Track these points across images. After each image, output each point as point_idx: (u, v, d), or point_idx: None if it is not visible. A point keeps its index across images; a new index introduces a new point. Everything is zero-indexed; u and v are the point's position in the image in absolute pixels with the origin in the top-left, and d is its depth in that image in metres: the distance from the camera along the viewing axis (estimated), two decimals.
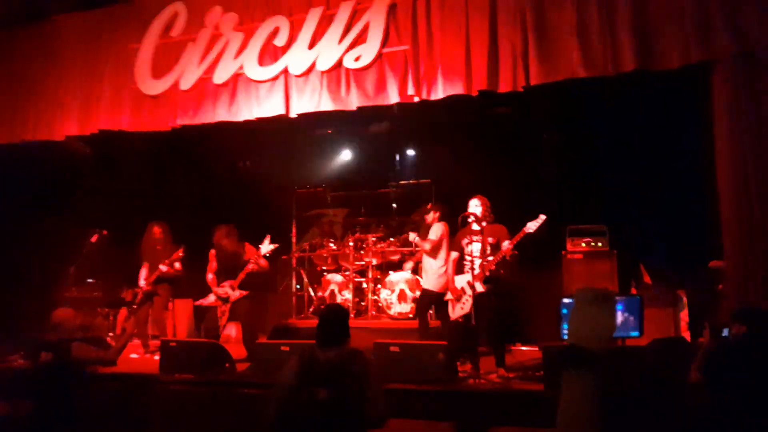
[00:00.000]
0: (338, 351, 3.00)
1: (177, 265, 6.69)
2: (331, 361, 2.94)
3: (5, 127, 6.73)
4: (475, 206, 5.25)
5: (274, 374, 3.15)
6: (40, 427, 3.94)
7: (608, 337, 1.68)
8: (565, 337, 2.21)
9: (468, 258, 5.22)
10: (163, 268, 6.60)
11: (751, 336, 2.96)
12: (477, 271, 5.08)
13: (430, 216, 5.99)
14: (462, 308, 5.16)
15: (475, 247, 5.22)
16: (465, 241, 5.30)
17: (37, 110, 6.60)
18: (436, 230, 5.88)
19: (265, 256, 6.11)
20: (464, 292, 5.15)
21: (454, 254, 5.41)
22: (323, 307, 3.39)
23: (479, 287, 5.03)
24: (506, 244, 5.06)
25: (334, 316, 3.15)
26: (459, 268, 5.36)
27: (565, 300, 4.67)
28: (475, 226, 5.24)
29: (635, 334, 4.02)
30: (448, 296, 5.34)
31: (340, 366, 2.92)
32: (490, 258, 5.09)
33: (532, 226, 5.03)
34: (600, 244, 6.36)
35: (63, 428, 3.91)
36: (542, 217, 5.06)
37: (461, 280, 5.23)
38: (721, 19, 4.44)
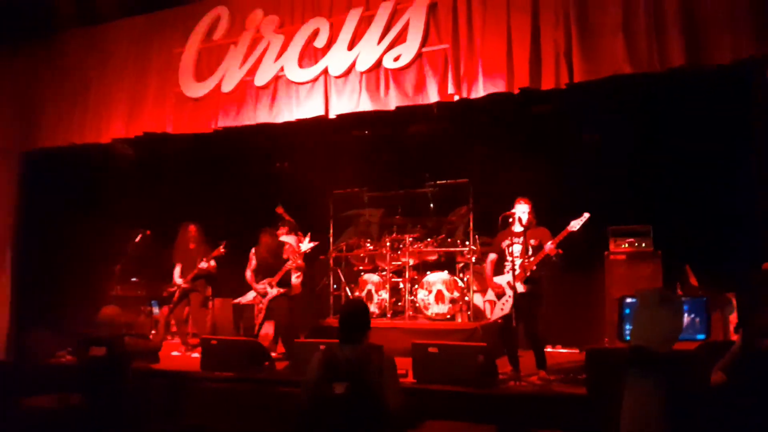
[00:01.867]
0: (356, 347, 3.12)
1: (212, 262, 6.79)
2: (349, 358, 3.07)
3: (54, 131, 6.95)
4: (521, 211, 5.18)
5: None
6: (90, 419, 4.05)
7: (674, 339, 1.63)
8: (628, 338, 2.16)
9: (509, 259, 5.17)
10: (203, 265, 6.73)
11: None
12: (518, 271, 5.02)
13: None
14: (502, 309, 5.13)
15: (516, 249, 5.17)
16: (506, 242, 5.26)
17: (84, 114, 6.79)
18: None
19: (304, 255, 6.19)
20: (504, 293, 5.11)
21: (492, 255, 5.38)
22: (344, 304, 3.47)
23: (520, 288, 4.98)
24: (549, 245, 4.98)
25: (351, 313, 3.27)
26: (499, 270, 5.31)
27: (628, 300, 4.54)
28: (517, 227, 5.20)
29: (701, 336, 3.88)
30: (488, 297, 5.29)
31: (358, 362, 3.05)
32: (531, 259, 5.03)
33: (575, 225, 4.97)
34: (644, 245, 6.20)
35: (112, 420, 4.02)
36: (586, 215, 5.00)
37: (501, 281, 5.19)
38: None
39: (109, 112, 6.67)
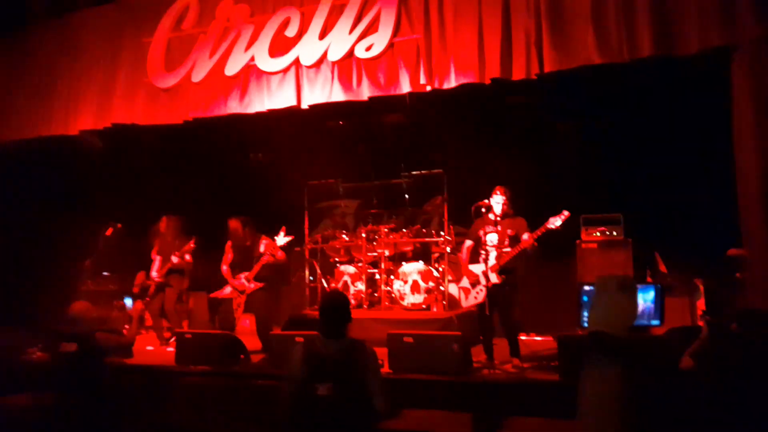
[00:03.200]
0: (340, 343, 3.06)
1: (187, 257, 6.74)
2: (333, 356, 2.99)
3: (22, 123, 6.82)
4: (496, 202, 5.18)
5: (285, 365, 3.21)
6: (64, 417, 3.99)
7: (630, 325, 1.67)
8: (586, 324, 2.22)
9: (486, 247, 5.19)
10: (174, 259, 6.66)
11: (743, 334, 2.98)
12: (492, 262, 5.06)
13: None
14: (476, 297, 5.19)
15: (493, 237, 5.19)
16: (482, 231, 5.26)
17: (51, 105, 6.66)
18: None
19: (281, 248, 6.15)
20: (479, 282, 5.15)
21: (469, 242, 5.40)
22: (323, 296, 3.41)
23: (494, 278, 5.03)
24: (526, 237, 5.01)
25: (334, 306, 3.16)
26: (474, 258, 5.34)
27: (586, 287, 4.62)
28: (493, 216, 5.21)
29: (656, 322, 3.98)
30: (462, 284, 5.34)
31: (341, 359, 2.98)
32: (507, 249, 5.08)
33: (554, 222, 4.99)
34: (615, 233, 6.30)
35: (86, 417, 3.97)
36: (565, 213, 5.02)
37: (476, 269, 5.22)
38: (746, 0, 4.33)
39: (77, 103, 6.55)
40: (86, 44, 6.61)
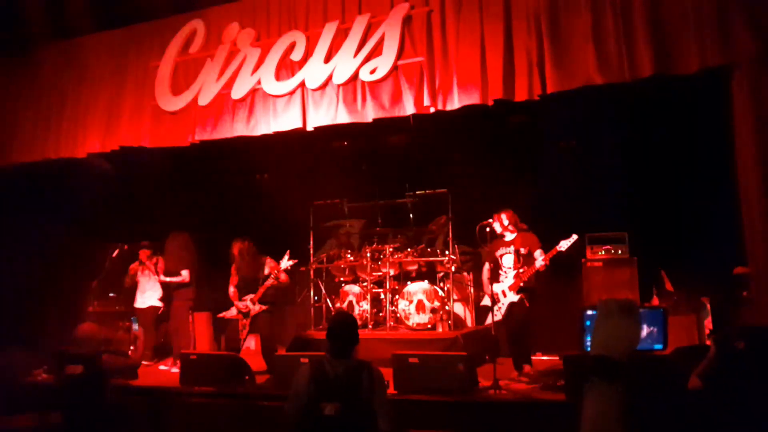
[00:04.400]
0: (347, 363, 3.06)
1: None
2: (339, 375, 3.00)
3: (29, 146, 6.87)
4: (498, 227, 5.60)
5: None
6: None
7: (633, 348, 1.67)
8: (588, 349, 2.22)
9: (503, 268, 5.60)
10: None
11: (749, 352, 2.97)
12: (511, 281, 5.48)
13: None
14: (496, 315, 5.49)
15: (508, 259, 5.60)
16: (498, 252, 5.64)
17: (59, 128, 6.72)
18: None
19: (285, 271, 6.18)
20: (499, 300, 5.54)
21: (488, 265, 5.78)
22: (332, 317, 3.41)
23: (513, 296, 5.46)
24: (540, 261, 5.36)
25: (342, 327, 3.18)
26: (494, 278, 5.71)
27: (588, 312, 4.61)
28: (507, 237, 5.63)
29: (659, 346, 3.96)
30: (483, 302, 5.79)
31: (348, 380, 2.98)
32: (522, 270, 5.47)
33: (564, 245, 5.34)
34: (620, 252, 6.30)
35: None
36: (574, 236, 5.37)
37: (497, 289, 5.59)
38: (741, 19, 4.37)
39: (84, 126, 6.61)
40: (93, 67, 6.69)
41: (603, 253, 6.36)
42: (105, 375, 4.32)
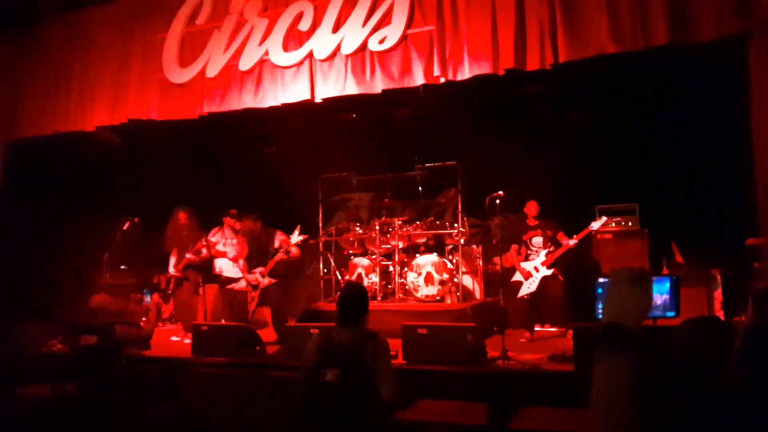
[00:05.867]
0: (354, 331, 3.08)
1: (204, 252, 6.80)
2: (345, 343, 3.02)
3: (38, 119, 6.88)
4: (532, 212, 6.22)
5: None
6: (84, 408, 4.06)
7: (645, 316, 1.66)
8: (600, 317, 2.21)
9: (533, 248, 6.18)
10: (189, 256, 6.75)
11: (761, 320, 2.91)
12: (543, 258, 6.06)
13: None
14: (529, 287, 6.03)
15: (537, 240, 6.17)
16: (526, 235, 6.21)
17: (68, 101, 6.72)
18: None
19: (295, 245, 6.23)
20: (531, 275, 6.04)
21: (515, 246, 6.25)
22: (343, 287, 3.43)
23: (545, 271, 6.00)
24: (573, 241, 5.94)
25: (351, 296, 3.21)
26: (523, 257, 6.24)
27: (600, 280, 4.62)
28: (531, 222, 6.21)
29: (671, 314, 3.96)
30: (515, 278, 6.16)
31: (354, 347, 3.00)
32: (552, 249, 6.05)
33: (595, 225, 5.93)
34: (630, 224, 6.26)
35: (106, 409, 4.04)
36: (604, 218, 5.99)
37: (528, 266, 6.12)
38: None
39: (92, 99, 6.60)
40: (100, 40, 6.65)
41: (613, 224, 6.32)
42: (118, 345, 4.39)
